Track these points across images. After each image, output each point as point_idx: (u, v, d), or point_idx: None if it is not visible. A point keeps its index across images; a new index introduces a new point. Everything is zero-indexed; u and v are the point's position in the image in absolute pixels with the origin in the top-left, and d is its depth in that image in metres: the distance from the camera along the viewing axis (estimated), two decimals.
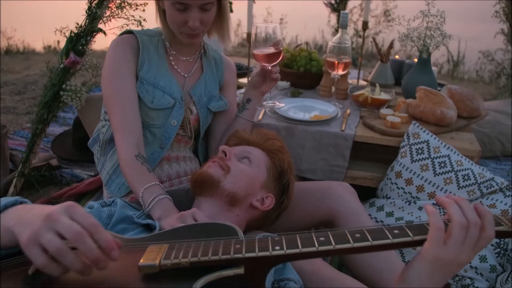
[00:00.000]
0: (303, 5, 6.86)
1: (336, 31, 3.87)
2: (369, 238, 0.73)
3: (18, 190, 1.92)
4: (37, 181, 1.94)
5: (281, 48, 1.37)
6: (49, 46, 5.68)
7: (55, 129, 2.57)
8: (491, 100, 3.23)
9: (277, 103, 1.53)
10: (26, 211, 0.73)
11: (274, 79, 1.45)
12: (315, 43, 6.09)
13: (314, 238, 0.74)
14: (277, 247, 0.73)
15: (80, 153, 2.21)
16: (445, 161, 1.56)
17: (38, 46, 5.77)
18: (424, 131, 1.60)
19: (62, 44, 1.81)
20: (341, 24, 1.97)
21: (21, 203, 0.82)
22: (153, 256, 0.74)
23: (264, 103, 1.52)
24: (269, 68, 1.40)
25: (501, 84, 3.80)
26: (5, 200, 0.80)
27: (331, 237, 0.74)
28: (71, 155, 2.24)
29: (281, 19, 6.27)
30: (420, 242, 0.74)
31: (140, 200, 1.20)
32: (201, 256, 0.72)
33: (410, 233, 0.74)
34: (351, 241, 0.73)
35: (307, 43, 2.36)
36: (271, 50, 1.36)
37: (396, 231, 0.75)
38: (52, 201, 1.87)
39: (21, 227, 0.68)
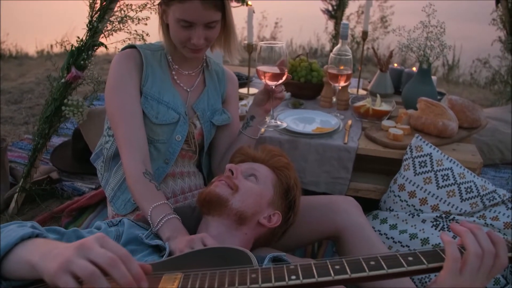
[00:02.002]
0: (298, 5, 6.85)
1: (333, 37, 3.87)
2: (384, 266, 0.74)
3: (20, 205, 1.90)
4: (38, 196, 1.92)
5: (286, 69, 1.35)
6: (42, 51, 5.63)
7: (53, 140, 2.50)
8: (489, 107, 3.25)
9: (279, 122, 1.50)
10: (51, 247, 0.74)
11: (279, 98, 1.43)
12: (310, 46, 6.09)
13: (330, 267, 0.74)
14: (293, 277, 0.73)
15: (80, 165, 2.19)
16: (448, 173, 1.56)
17: (31, 50, 5.70)
18: (426, 144, 1.61)
19: (55, 49, 1.80)
20: (342, 35, 1.97)
21: (37, 235, 0.82)
22: (168, 287, 0.74)
23: (267, 120, 1.50)
24: (273, 87, 1.39)
25: (496, 89, 3.83)
26: (21, 231, 0.80)
27: (346, 265, 0.74)
28: (71, 167, 2.22)
29: (276, 22, 6.26)
30: (435, 269, 0.75)
31: (149, 219, 1.20)
32: (218, 286, 0.72)
33: (424, 261, 0.75)
34: (367, 270, 0.73)
35: (307, 54, 2.36)
36: (276, 69, 1.33)
37: (410, 258, 0.75)
38: (54, 216, 1.85)
39: (47, 261, 0.70)
